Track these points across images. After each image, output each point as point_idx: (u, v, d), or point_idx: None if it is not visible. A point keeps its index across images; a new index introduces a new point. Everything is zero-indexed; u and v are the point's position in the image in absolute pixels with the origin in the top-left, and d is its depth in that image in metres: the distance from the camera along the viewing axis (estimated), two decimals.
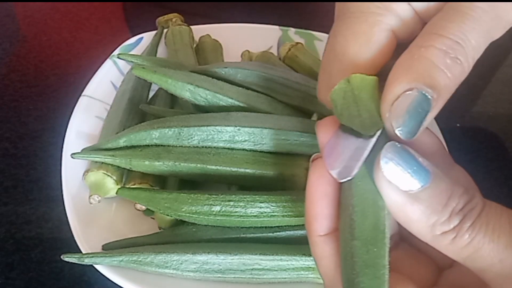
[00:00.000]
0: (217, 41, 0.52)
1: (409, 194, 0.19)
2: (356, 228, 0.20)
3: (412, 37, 0.20)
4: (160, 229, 0.37)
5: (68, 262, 0.32)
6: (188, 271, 0.33)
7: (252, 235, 0.35)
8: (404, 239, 0.25)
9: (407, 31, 0.22)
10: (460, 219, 0.18)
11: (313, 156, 0.23)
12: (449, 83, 0.19)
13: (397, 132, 0.19)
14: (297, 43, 0.50)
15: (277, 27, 0.54)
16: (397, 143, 0.19)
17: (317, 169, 0.22)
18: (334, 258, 0.22)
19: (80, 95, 0.44)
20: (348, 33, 0.21)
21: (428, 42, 0.19)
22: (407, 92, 0.18)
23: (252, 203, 0.34)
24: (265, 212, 0.34)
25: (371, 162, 0.20)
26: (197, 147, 0.36)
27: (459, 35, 0.19)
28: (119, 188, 0.36)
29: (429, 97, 0.18)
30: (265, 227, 0.35)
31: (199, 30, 0.52)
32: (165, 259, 0.32)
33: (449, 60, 0.18)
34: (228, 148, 0.36)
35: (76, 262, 0.32)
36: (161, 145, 0.36)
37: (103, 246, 0.35)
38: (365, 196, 0.20)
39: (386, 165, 0.19)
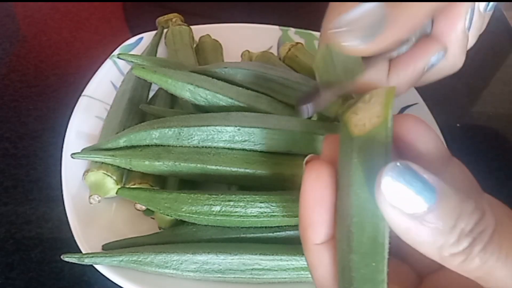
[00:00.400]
0: (217, 41, 0.52)
1: (414, 216, 0.17)
2: (354, 241, 0.19)
3: None
4: (160, 229, 0.37)
5: (68, 262, 0.32)
6: (188, 271, 0.33)
7: (252, 235, 0.35)
8: None
9: None
10: (469, 242, 0.17)
11: (307, 158, 0.22)
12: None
13: (343, 35, 0.20)
14: (297, 43, 0.50)
15: (277, 27, 0.54)
16: (398, 163, 0.17)
17: (313, 171, 0.21)
18: (331, 268, 0.21)
19: (80, 95, 0.44)
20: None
21: None
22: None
23: (252, 203, 0.34)
24: (265, 212, 0.34)
25: (371, 175, 0.19)
26: (197, 147, 0.36)
27: None
28: (119, 188, 0.36)
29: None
30: (265, 227, 0.35)
31: (199, 30, 0.52)
32: (165, 259, 0.32)
33: None
34: (228, 148, 0.36)
35: (76, 262, 0.32)
36: (161, 145, 0.36)
37: (103, 246, 0.35)
38: (364, 206, 0.19)
39: (387, 189, 0.17)
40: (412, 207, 0.17)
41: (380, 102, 0.20)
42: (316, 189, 0.21)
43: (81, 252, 0.34)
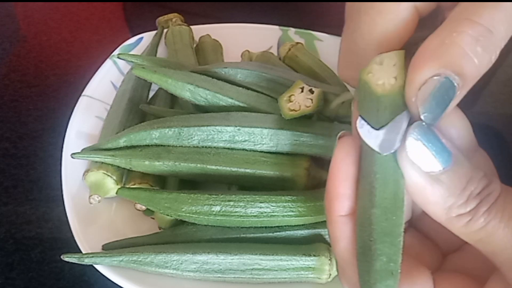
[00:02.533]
0: (217, 41, 0.52)
1: (430, 175, 0.19)
2: (377, 196, 0.20)
3: (430, 12, 0.21)
4: (160, 229, 0.37)
5: (68, 262, 0.32)
6: (188, 271, 0.33)
7: (252, 235, 0.35)
8: (411, 225, 0.25)
9: (428, 8, 0.22)
10: (476, 203, 0.19)
11: (340, 133, 0.23)
12: (475, 72, 0.19)
13: (422, 117, 0.19)
14: (297, 43, 0.50)
15: (277, 27, 0.54)
16: (423, 123, 0.19)
17: (344, 148, 0.22)
18: (352, 240, 0.22)
19: (80, 95, 0.44)
20: (374, 11, 0.21)
21: (460, 28, 0.18)
22: (435, 77, 0.18)
23: (252, 203, 0.34)
24: (265, 212, 0.34)
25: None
26: (197, 147, 0.36)
27: (492, 22, 0.18)
28: (119, 188, 0.36)
29: (455, 84, 0.18)
30: (265, 227, 0.35)
31: (199, 30, 0.52)
32: (165, 259, 0.32)
33: (479, 48, 0.18)
34: (228, 148, 0.36)
35: (76, 262, 0.32)
36: (161, 145, 0.36)
37: (103, 246, 0.35)
38: (387, 164, 0.20)
39: (411, 145, 0.19)
40: (430, 166, 0.19)
41: (394, 64, 0.20)
42: (345, 165, 0.22)
43: (81, 252, 0.34)
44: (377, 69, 0.20)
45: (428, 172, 0.19)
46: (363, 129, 0.21)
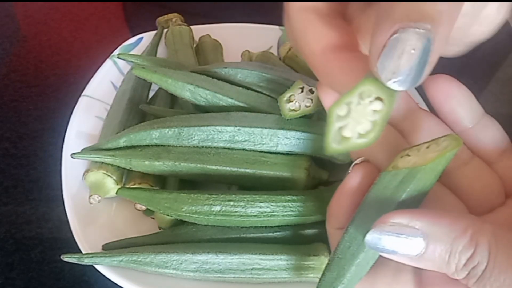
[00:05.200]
0: (217, 41, 0.52)
1: (412, 258, 0.19)
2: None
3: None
4: (160, 229, 0.37)
5: (68, 262, 0.32)
6: (188, 271, 0.33)
7: (252, 235, 0.35)
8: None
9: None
10: (465, 274, 0.19)
11: (357, 160, 0.24)
12: (448, 7, 0.16)
13: (391, 85, 0.17)
14: None
15: (277, 27, 0.54)
16: (380, 223, 0.19)
17: (356, 177, 0.23)
18: None
19: (80, 95, 0.44)
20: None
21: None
22: (394, 36, 0.16)
23: (252, 203, 0.34)
24: (265, 212, 0.34)
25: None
26: (197, 147, 0.36)
27: None
28: (119, 188, 0.36)
29: (422, 30, 0.16)
30: (265, 227, 0.35)
31: (199, 30, 0.52)
32: (165, 259, 0.33)
33: None
34: (228, 148, 0.36)
35: (76, 262, 0.32)
36: (161, 145, 0.36)
37: (103, 246, 0.35)
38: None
39: (376, 248, 0.19)
40: (405, 252, 0.19)
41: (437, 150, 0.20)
42: (351, 191, 0.23)
43: (81, 252, 0.34)
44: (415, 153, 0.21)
45: (408, 256, 0.19)
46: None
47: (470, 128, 0.23)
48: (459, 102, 0.23)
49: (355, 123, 0.19)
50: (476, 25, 0.21)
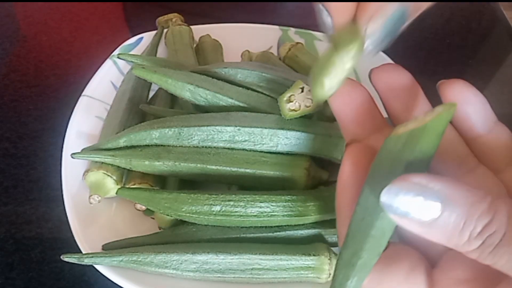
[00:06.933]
0: (217, 41, 0.52)
1: (424, 223, 0.18)
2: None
3: None
4: (160, 229, 0.37)
5: (68, 262, 0.32)
6: (188, 271, 0.33)
7: (252, 235, 0.35)
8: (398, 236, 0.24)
9: None
10: (479, 244, 0.18)
11: (348, 141, 0.24)
12: None
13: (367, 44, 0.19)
14: (297, 43, 0.50)
15: (277, 27, 0.54)
16: (397, 182, 0.18)
17: (350, 157, 0.23)
18: None
19: (80, 95, 0.44)
20: None
21: None
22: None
23: (252, 203, 0.34)
24: (265, 212, 0.34)
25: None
26: (197, 147, 0.36)
27: None
28: (119, 188, 0.36)
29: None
30: (265, 227, 0.35)
31: (199, 30, 0.52)
32: (165, 259, 0.33)
33: None
34: (228, 148, 0.36)
35: (76, 262, 0.32)
36: (161, 145, 0.36)
37: (103, 246, 0.35)
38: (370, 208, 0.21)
39: (390, 208, 0.18)
40: (418, 217, 0.18)
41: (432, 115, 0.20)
42: (351, 177, 0.23)
43: (81, 252, 0.34)
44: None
45: (420, 222, 0.18)
46: None
47: (482, 136, 0.23)
48: (474, 109, 0.22)
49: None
50: None
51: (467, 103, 0.22)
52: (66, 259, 0.32)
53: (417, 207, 0.18)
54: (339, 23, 0.22)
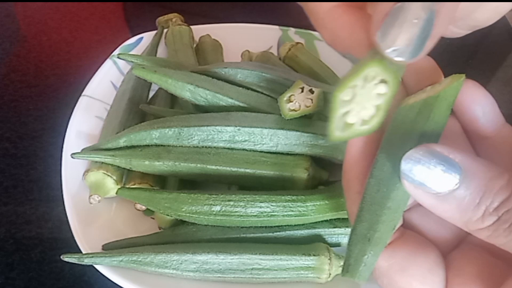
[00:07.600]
0: (217, 41, 0.52)
1: (439, 196, 0.18)
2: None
3: None
4: (160, 229, 0.37)
5: (68, 262, 0.32)
6: (188, 271, 0.33)
7: (252, 235, 0.35)
8: (406, 226, 0.24)
9: None
10: (494, 220, 0.17)
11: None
12: None
13: (390, 54, 0.17)
14: (297, 43, 0.50)
15: (277, 27, 0.54)
16: (420, 148, 0.18)
17: (354, 147, 0.22)
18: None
19: (80, 95, 0.44)
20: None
21: None
22: (397, 4, 0.16)
23: (252, 203, 0.34)
24: (265, 212, 0.34)
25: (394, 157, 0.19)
26: (197, 147, 0.36)
27: None
28: (119, 188, 0.36)
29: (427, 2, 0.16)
30: (265, 227, 0.35)
31: (199, 30, 0.52)
32: (165, 259, 0.33)
33: None
34: (228, 148, 0.36)
35: (76, 262, 0.32)
36: (161, 145, 0.36)
37: (103, 246, 0.35)
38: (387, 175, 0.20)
39: (410, 172, 0.18)
40: (435, 188, 0.18)
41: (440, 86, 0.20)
42: (359, 152, 0.22)
43: (81, 252, 0.34)
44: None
45: (435, 193, 0.18)
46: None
47: (489, 137, 0.23)
48: (483, 111, 0.22)
49: (359, 108, 0.19)
50: (482, 9, 0.21)
51: (477, 104, 0.22)
52: (66, 259, 0.32)
53: (435, 177, 0.17)
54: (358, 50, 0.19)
